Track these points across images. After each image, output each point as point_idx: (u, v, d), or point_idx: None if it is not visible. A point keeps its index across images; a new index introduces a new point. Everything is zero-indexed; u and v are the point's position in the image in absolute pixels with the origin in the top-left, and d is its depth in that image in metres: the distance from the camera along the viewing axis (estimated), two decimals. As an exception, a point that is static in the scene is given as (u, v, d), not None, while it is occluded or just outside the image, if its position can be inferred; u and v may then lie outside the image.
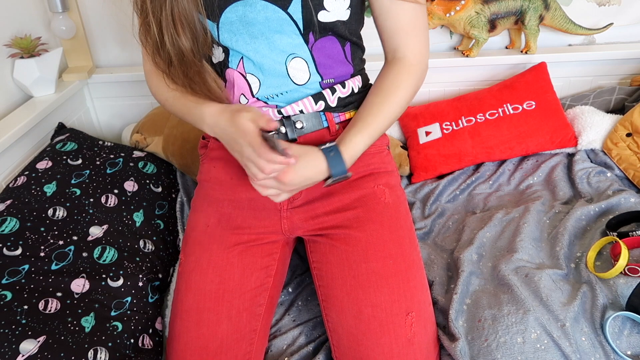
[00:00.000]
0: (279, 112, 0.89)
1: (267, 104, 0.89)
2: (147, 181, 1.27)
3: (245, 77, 0.87)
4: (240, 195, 0.96)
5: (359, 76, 0.95)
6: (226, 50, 0.87)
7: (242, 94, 0.89)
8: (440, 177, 1.41)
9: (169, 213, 1.26)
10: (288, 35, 0.84)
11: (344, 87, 0.91)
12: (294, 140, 0.90)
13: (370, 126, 0.87)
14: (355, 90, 0.93)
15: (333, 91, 0.90)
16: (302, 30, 0.84)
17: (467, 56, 1.50)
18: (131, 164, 1.29)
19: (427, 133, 1.44)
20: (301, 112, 0.89)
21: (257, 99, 0.89)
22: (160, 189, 1.29)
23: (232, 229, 0.95)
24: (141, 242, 1.12)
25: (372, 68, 1.02)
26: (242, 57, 0.85)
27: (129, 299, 0.99)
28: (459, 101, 1.48)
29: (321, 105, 0.90)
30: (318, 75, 0.89)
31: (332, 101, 0.91)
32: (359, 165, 0.96)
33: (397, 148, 1.46)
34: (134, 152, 1.35)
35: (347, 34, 0.88)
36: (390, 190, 0.96)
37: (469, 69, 1.55)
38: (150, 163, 1.33)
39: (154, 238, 1.15)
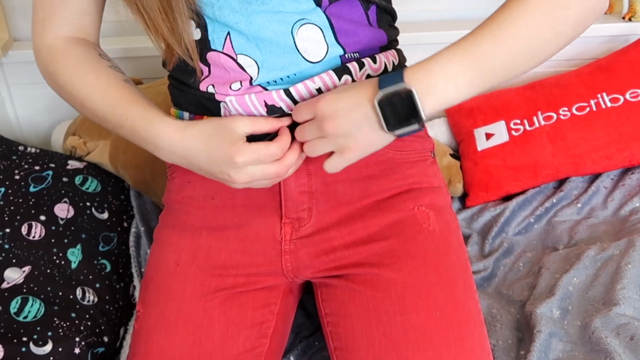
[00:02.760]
0: (287, 94, 0.89)
1: (266, 89, 0.89)
2: (88, 204, 1.29)
3: (236, 60, 0.88)
4: (225, 221, 0.97)
5: (394, 51, 0.96)
6: (203, 25, 0.87)
7: (232, 82, 0.89)
8: (507, 198, 1.43)
9: (118, 249, 1.27)
10: None
11: (374, 62, 0.92)
12: None
13: (466, 45, 0.78)
14: (389, 68, 0.94)
15: (361, 65, 0.90)
16: None
17: (544, 25, 1.53)
18: (65, 179, 1.30)
19: (488, 135, 1.47)
20: (319, 90, 0.89)
21: (259, 85, 0.89)
22: (106, 215, 1.31)
23: (212, 268, 0.95)
24: (78, 291, 1.13)
25: (408, 42, 1.03)
26: (228, 33, 0.87)
27: (61, 371, 1.01)
28: (533, 89, 1.51)
29: (346, 82, 0.89)
30: (339, 47, 0.89)
31: (360, 78, 0.90)
32: (393, 178, 0.97)
33: (446, 157, 1.47)
34: (69, 162, 1.36)
35: None
36: (436, 213, 0.97)
37: (548, 44, 1.57)
38: (92, 178, 1.35)
39: (97, 285, 1.16)
